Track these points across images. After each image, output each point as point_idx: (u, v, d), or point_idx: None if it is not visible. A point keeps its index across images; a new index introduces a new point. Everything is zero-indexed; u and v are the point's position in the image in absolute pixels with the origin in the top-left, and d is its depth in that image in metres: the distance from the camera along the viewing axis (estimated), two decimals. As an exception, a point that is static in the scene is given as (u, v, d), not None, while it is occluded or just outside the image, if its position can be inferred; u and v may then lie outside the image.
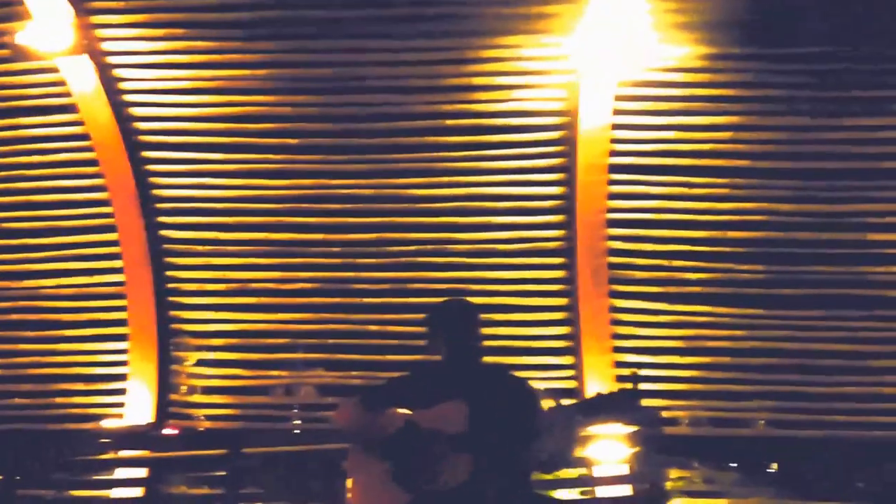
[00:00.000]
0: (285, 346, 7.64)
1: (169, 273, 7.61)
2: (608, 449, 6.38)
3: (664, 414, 7.03)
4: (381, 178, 7.42)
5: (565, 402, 3.24)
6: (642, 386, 3.17)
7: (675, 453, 6.95)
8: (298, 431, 7.57)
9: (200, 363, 7.72)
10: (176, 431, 7.40)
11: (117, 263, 7.59)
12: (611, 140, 7.09)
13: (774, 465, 7.63)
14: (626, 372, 6.99)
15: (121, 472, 7.04)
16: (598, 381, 7.10)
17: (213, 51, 7.16)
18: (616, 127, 7.07)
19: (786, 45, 6.85)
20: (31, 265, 7.72)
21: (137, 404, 7.44)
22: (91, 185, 7.55)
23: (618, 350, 7.26)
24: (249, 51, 7.18)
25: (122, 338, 7.60)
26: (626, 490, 6.55)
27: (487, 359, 3.73)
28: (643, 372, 7.14)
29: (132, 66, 7.22)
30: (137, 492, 6.89)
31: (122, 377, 7.57)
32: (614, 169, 7.19)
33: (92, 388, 7.64)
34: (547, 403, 3.37)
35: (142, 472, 6.94)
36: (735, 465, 7.53)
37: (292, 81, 7.29)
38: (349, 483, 3.45)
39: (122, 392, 7.54)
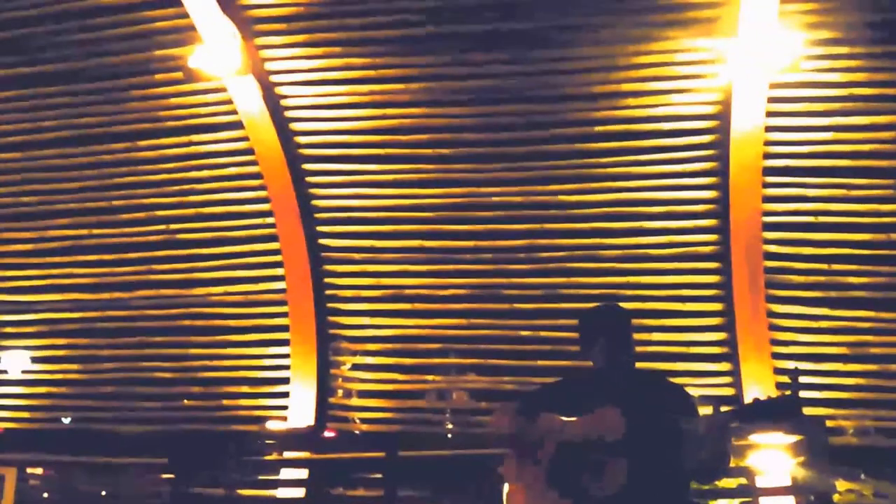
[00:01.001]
0: (438, 351, 7.77)
1: (327, 280, 7.85)
2: (770, 458, 6.19)
3: (829, 423, 6.76)
4: (532, 185, 7.48)
5: (723, 408, 3.17)
6: (803, 393, 3.04)
7: (841, 464, 6.68)
8: (452, 436, 7.63)
9: (355, 367, 7.90)
10: (333, 434, 7.59)
11: (280, 272, 7.88)
12: (765, 142, 6.97)
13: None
14: (785, 379, 6.81)
15: (284, 473, 7.26)
16: (757, 388, 6.89)
17: (369, 66, 7.38)
18: (770, 129, 6.96)
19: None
20: (200, 274, 8.09)
21: (300, 407, 7.67)
22: (255, 198, 7.89)
23: (777, 356, 7.06)
24: (403, 65, 7.37)
25: (284, 343, 7.87)
26: (789, 502, 6.34)
27: (641, 365, 3.73)
28: (805, 379, 6.94)
29: (293, 84, 7.52)
30: (299, 492, 7.11)
31: (285, 380, 7.83)
32: (769, 171, 7.07)
33: (256, 391, 7.94)
34: (703, 410, 3.34)
35: (303, 473, 7.16)
36: (906, 477, 7.19)
37: (445, 94, 7.43)
38: (505, 488, 3.44)
39: (285, 395, 7.79)
